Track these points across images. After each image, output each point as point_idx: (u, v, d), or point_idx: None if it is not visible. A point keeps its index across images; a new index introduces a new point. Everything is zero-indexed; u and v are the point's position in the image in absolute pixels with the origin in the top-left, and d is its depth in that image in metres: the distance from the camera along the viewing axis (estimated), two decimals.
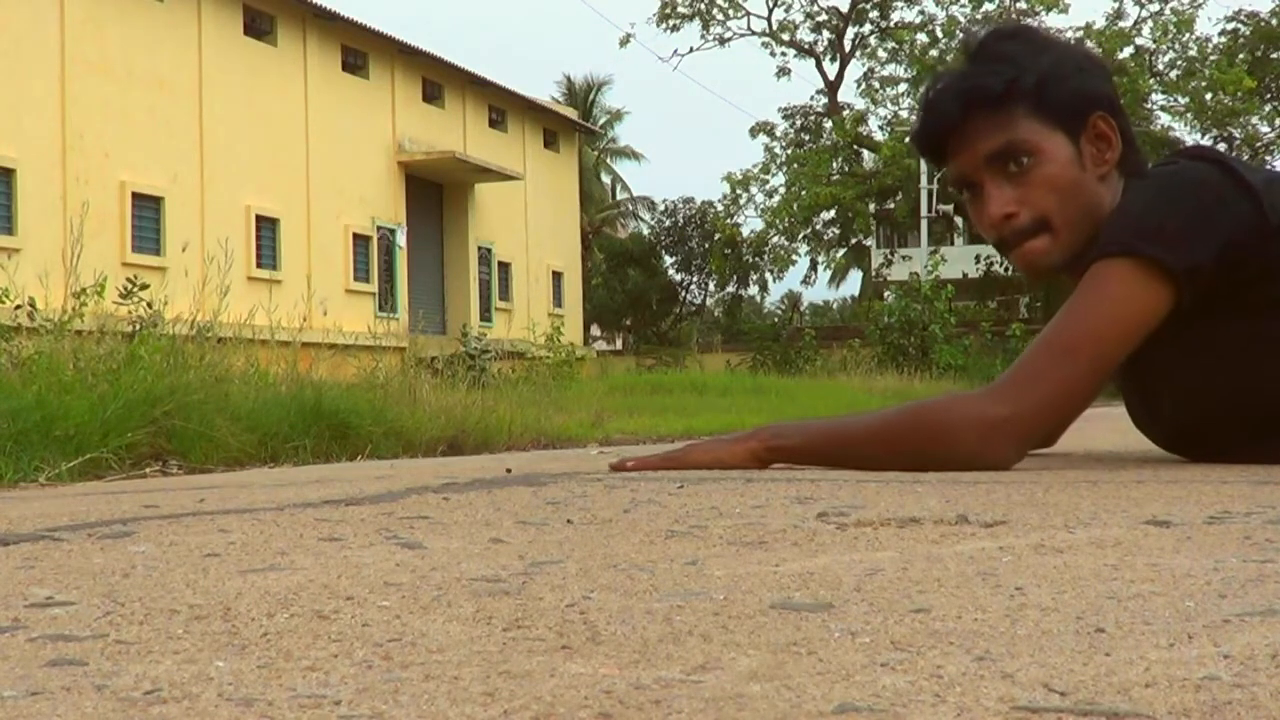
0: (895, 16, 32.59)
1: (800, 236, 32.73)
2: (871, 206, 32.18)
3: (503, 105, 28.75)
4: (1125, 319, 2.10)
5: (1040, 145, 2.20)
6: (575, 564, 1.06)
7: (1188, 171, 2.12)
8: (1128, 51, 28.77)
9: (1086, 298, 2.12)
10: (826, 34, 33.41)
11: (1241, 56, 29.13)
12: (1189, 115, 28.61)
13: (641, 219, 43.13)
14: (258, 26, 21.84)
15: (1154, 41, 29.21)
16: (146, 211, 19.09)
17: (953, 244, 35.93)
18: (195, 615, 0.85)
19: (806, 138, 33.36)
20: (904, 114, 30.46)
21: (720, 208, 33.63)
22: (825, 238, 34.37)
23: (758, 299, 50.36)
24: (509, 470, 2.35)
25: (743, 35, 33.00)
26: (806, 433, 2.26)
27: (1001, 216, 2.21)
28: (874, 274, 36.76)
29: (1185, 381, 2.25)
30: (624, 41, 31.72)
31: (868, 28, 33.11)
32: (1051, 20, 28.48)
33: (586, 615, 0.83)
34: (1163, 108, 29.66)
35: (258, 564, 1.09)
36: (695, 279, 39.64)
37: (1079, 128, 2.21)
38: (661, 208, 40.29)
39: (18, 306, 7.50)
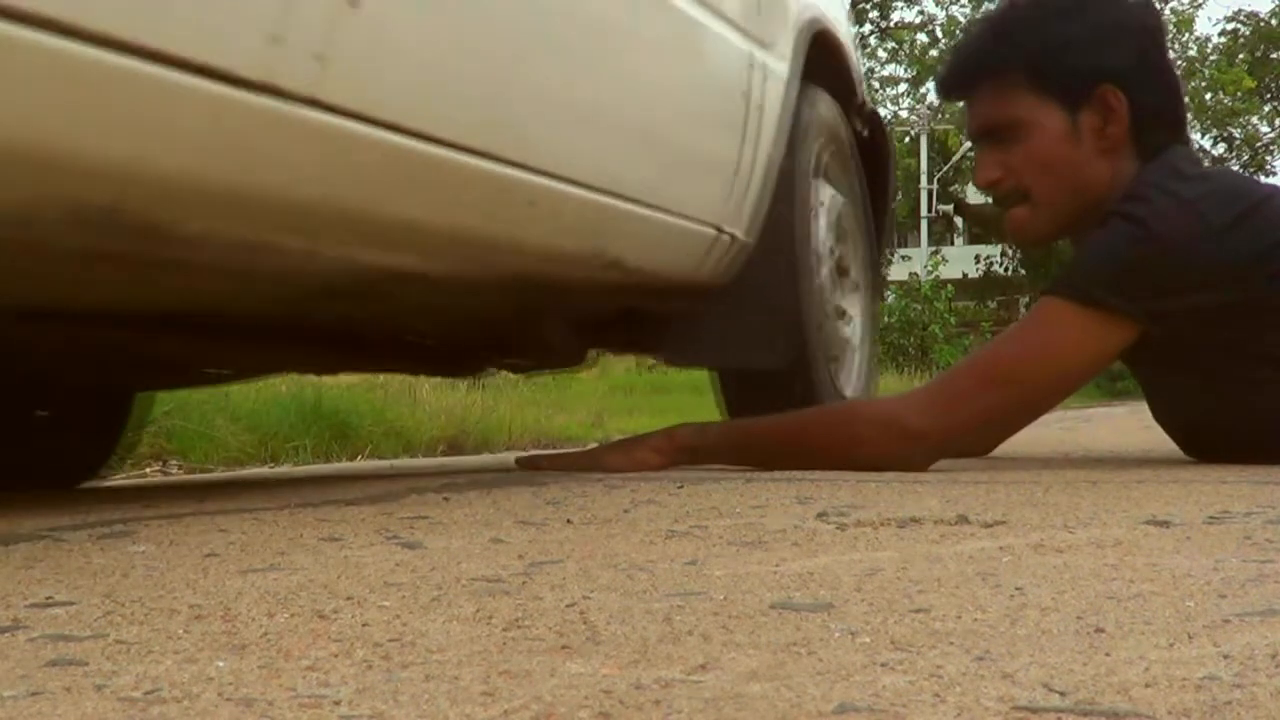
0: (895, 16, 32.57)
1: None
2: None
3: None
4: (1069, 365, 2.09)
5: (1026, 120, 2.24)
6: (575, 564, 1.06)
7: (1156, 220, 2.04)
8: None
9: (1034, 334, 2.11)
10: None
11: (1241, 56, 29.12)
12: (1189, 115, 28.59)
13: None
14: None
15: None
16: None
17: (953, 244, 35.88)
18: (195, 615, 0.85)
19: None
20: (904, 114, 30.46)
21: None
22: None
23: None
24: (517, 462, 2.39)
25: None
26: (718, 432, 2.29)
27: (986, 182, 2.28)
28: None
29: (1184, 403, 2.30)
30: None
31: (868, 28, 33.09)
32: None
33: (586, 615, 0.83)
34: None
35: (258, 564, 1.09)
36: None
37: (1081, 101, 2.21)
38: None
39: None
